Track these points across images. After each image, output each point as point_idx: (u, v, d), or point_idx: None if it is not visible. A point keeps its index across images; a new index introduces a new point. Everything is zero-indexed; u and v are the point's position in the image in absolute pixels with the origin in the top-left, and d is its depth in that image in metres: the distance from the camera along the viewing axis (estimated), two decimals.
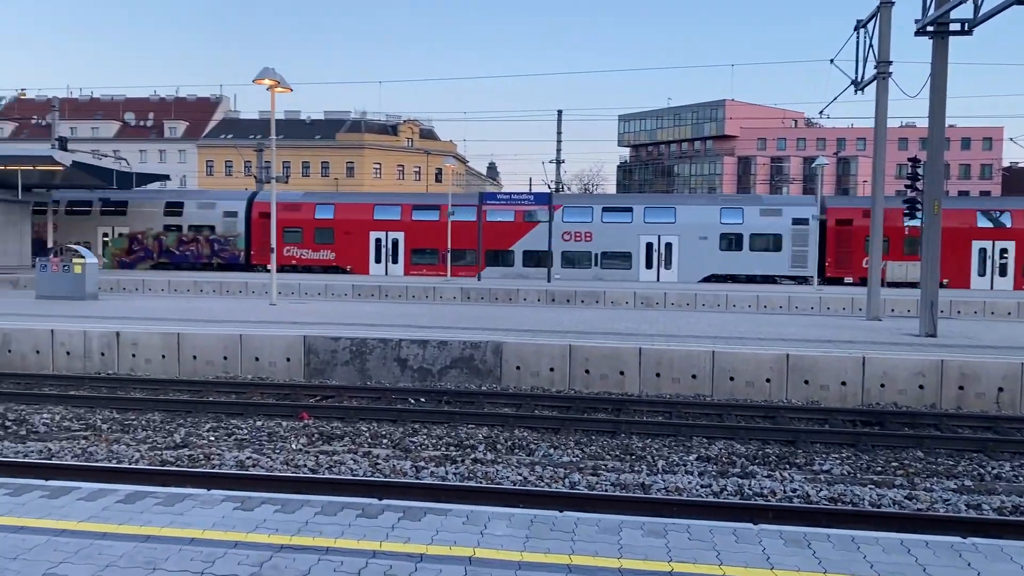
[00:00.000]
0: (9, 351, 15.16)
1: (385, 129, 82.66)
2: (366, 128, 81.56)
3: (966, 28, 15.71)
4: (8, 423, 11.25)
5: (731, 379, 13.35)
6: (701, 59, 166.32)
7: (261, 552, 4.70)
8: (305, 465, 9.12)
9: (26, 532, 4.96)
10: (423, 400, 12.91)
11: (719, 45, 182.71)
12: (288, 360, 14.51)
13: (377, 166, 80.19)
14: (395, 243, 40.74)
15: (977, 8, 15.06)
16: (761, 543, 5.00)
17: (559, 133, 54.84)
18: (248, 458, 9.38)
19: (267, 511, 5.44)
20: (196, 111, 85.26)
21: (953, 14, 15.71)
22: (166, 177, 49.81)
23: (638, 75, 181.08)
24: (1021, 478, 9.24)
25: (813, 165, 36.15)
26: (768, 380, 13.27)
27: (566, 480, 8.73)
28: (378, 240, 40.69)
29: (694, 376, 13.44)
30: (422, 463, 9.26)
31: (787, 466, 9.65)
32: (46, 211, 42.81)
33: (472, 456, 9.68)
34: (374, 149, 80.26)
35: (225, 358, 14.67)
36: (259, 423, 11.35)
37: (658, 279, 38.43)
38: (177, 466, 9.04)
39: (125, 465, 8.91)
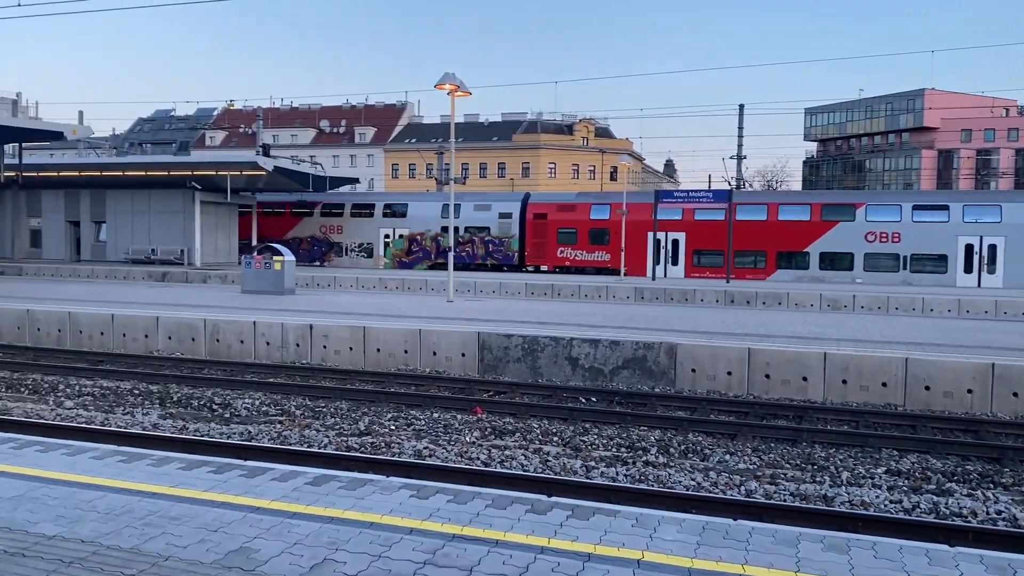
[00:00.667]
0: (217, 340, 16.59)
1: (560, 129, 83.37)
2: (542, 128, 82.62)
3: None
4: (215, 407, 12.31)
5: (926, 388, 12.38)
6: (897, 46, 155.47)
7: (434, 540, 4.85)
8: (478, 458, 9.35)
9: (226, 508, 5.39)
10: (594, 400, 12.90)
11: (917, 30, 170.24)
12: (463, 355, 14.94)
13: (552, 166, 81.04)
14: (675, 244, 39.20)
15: None
16: (958, 567, 4.59)
17: (740, 128, 52.82)
18: (425, 448, 9.74)
19: (441, 500, 5.61)
20: (384, 117, 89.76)
21: None
22: (356, 180, 52.67)
23: (826, 66, 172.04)
24: None
25: None
26: (970, 391, 12.19)
27: (742, 488, 8.42)
28: (657, 241, 38.99)
29: (884, 384, 12.58)
30: (592, 463, 9.24)
31: (991, 485, 8.83)
32: (330, 214, 45.42)
33: (644, 458, 9.55)
34: (549, 149, 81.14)
35: (405, 351, 15.32)
36: (436, 415, 11.76)
37: (979, 284, 34.93)
38: (360, 452, 9.53)
39: (314, 449, 9.51)
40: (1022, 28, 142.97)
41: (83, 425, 10.36)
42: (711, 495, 8.02)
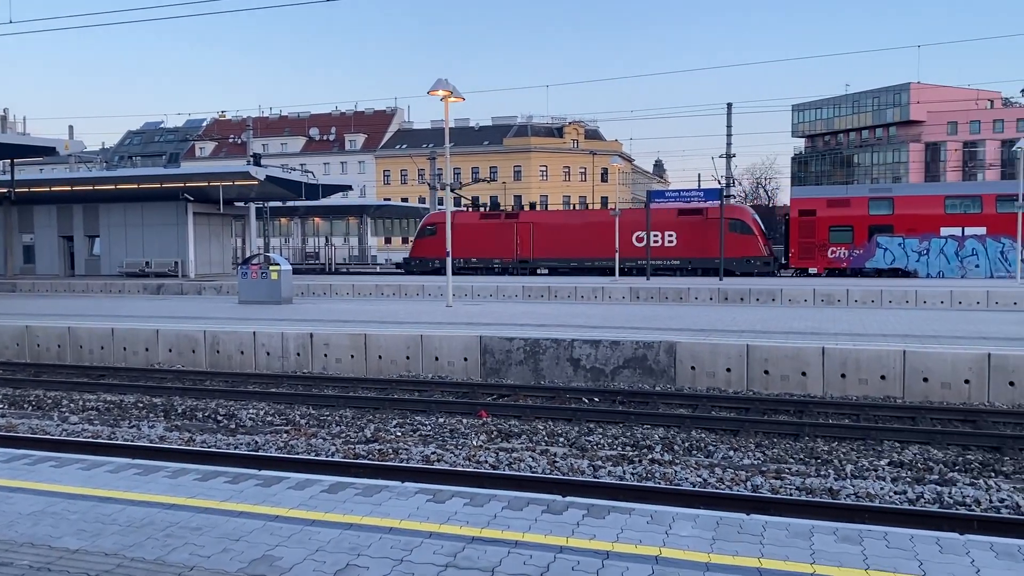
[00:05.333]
0: (217, 351, 16.61)
1: (551, 132, 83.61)
2: (532, 132, 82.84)
3: None
4: (220, 418, 12.34)
5: (924, 380, 12.51)
6: (882, 41, 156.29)
7: (454, 543, 4.93)
8: (486, 461, 9.42)
9: (245, 517, 5.45)
10: (597, 400, 12.99)
11: (902, 25, 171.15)
12: (465, 360, 15.01)
13: (543, 168, 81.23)
14: None
15: None
16: (969, 554, 4.69)
17: (729, 127, 53.27)
18: (433, 453, 9.81)
19: (457, 504, 5.69)
20: (373, 123, 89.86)
21: None
22: (348, 187, 52.65)
23: (813, 62, 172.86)
24: None
25: (1014, 148, 32.99)
26: (967, 381, 12.33)
27: (748, 483, 8.52)
28: None
29: (883, 377, 12.71)
30: (599, 462, 9.33)
31: (992, 474, 8.95)
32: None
33: (649, 456, 9.64)
34: (540, 152, 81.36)
35: (407, 357, 15.37)
36: (441, 420, 11.82)
37: None
38: (369, 459, 9.59)
39: (323, 458, 9.56)
40: (1004, 21, 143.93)
41: (92, 440, 10.39)
42: (720, 491, 8.11)
